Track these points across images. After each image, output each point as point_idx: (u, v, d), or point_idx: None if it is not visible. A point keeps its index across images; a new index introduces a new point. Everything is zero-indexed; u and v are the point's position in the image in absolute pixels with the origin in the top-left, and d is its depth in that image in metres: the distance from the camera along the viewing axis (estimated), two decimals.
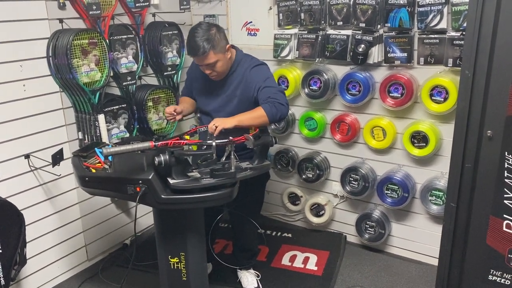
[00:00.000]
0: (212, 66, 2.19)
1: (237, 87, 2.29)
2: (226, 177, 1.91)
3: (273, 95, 2.15)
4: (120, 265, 2.98)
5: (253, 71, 2.27)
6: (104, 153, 1.72)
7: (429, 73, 2.56)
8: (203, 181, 1.88)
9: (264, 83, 2.21)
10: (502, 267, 2.06)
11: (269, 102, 2.13)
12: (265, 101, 2.15)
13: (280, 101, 2.14)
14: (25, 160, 2.50)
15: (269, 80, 2.25)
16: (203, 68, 2.23)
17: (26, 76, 2.44)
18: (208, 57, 2.15)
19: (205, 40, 2.11)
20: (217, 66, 2.20)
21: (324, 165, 3.11)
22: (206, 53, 2.12)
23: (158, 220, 2.07)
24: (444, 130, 2.62)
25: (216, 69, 2.21)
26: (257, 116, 2.11)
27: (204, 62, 2.17)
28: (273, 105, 2.12)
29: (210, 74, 2.25)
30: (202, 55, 2.13)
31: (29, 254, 2.52)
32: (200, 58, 2.16)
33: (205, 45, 2.11)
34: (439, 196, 2.66)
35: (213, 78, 2.27)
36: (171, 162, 1.83)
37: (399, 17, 2.54)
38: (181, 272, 2.07)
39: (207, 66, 2.19)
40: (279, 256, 3.02)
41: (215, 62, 2.18)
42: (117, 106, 2.88)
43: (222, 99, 2.33)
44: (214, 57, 2.16)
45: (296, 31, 2.94)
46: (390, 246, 3.06)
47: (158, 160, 1.80)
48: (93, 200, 2.90)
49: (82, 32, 2.54)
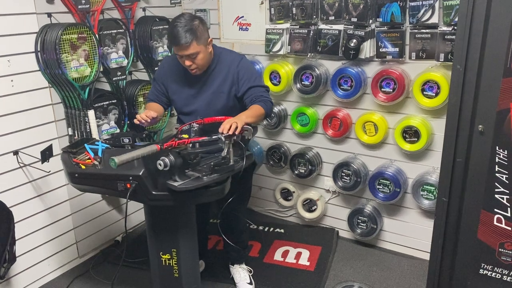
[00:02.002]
0: (193, 58, 2.15)
1: (223, 82, 2.27)
2: (227, 171, 1.89)
3: (264, 93, 2.27)
4: (112, 262, 2.96)
5: (241, 68, 2.27)
6: (118, 163, 1.67)
7: (421, 68, 2.56)
8: (205, 178, 1.84)
9: (254, 82, 2.27)
10: (493, 261, 2.07)
11: (263, 101, 2.22)
12: (258, 100, 2.22)
13: (270, 100, 2.28)
14: (13, 156, 2.47)
15: (257, 78, 2.32)
16: (183, 60, 2.17)
17: (14, 71, 2.41)
18: (190, 47, 2.10)
19: (189, 30, 2.08)
20: (198, 58, 2.16)
21: (316, 160, 3.11)
22: (188, 42, 2.08)
23: (149, 217, 2.06)
24: (436, 125, 2.63)
25: (197, 61, 2.17)
26: (260, 114, 2.18)
27: (186, 53, 2.12)
28: (267, 103, 2.24)
29: (190, 67, 2.19)
30: (184, 44, 2.09)
31: (19, 251, 2.50)
32: (182, 48, 2.11)
33: (188, 35, 2.08)
34: (431, 191, 2.67)
35: (193, 71, 2.22)
36: (177, 164, 1.77)
37: (391, 11, 2.54)
38: (173, 268, 2.06)
39: (187, 57, 2.14)
40: (271, 252, 3.02)
41: (196, 54, 2.14)
42: (107, 102, 2.85)
43: (208, 97, 2.28)
44: (197, 48, 2.12)
45: (288, 26, 2.93)
46: (382, 241, 3.07)
47: (164, 163, 1.74)
48: (84, 197, 2.87)
49: (71, 26, 2.51)
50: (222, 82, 2.27)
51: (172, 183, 1.79)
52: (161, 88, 2.38)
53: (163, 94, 2.39)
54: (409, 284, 2.69)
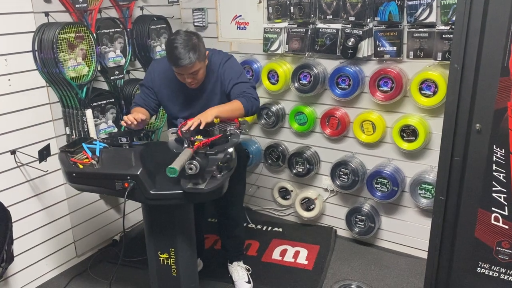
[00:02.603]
0: (195, 74, 2.14)
1: (215, 84, 2.27)
2: (231, 168, 1.89)
3: (248, 89, 2.24)
4: (110, 261, 2.96)
5: (226, 66, 2.27)
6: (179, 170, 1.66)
7: (419, 67, 2.56)
8: (219, 176, 1.82)
9: (238, 79, 2.26)
10: (490, 260, 2.08)
11: (245, 97, 2.20)
12: (240, 95, 2.21)
13: (254, 96, 2.24)
14: (11, 156, 2.46)
15: (242, 75, 2.30)
16: (183, 78, 2.15)
17: (11, 70, 2.40)
18: (193, 67, 2.08)
19: (191, 50, 2.04)
20: (199, 73, 2.15)
21: (314, 159, 3.11)
22: (192, 63, 2.05)
23: (147, 216, 2.06)
24: (433, 124, 2.63)
25: (198, 76, 2.15)
26: (235, 108, 2.15)
27: (188, 72, 2.10)
28: (248, 99, 2.20)
29: (190, 83, 2.17)
30: (188, 64, 2.05)
31: (17, 251, 2.49)
32: (186, 68, 2.08)
33: (191, 55, 2.04)
34: (428, 189, 2.68)
35: (192, 86, 2.20)
36: (203, 166, 1.76)
37: (388, 10, 2.54)
38: (171, 268, 2.06)
39: (189, 75, 2.12)
40: (269, 251, 3.02)
41: (198, 71, 2.12)
42: (105, 101, 2.85)
43: (203, 100, 2.27)
44: (198, 65, 2.10)
45: (286, 25, 2.93)
46: (380, 240, 3.08)
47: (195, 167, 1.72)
48: (82, 196, 2.87)
49: (68, 25, 2.50)
50: (214, 84, 2.27)
51: (198, 186, 1.77)
52: (150, 94, 2.33)
53: (151, 100, 2.34)
54: (407, 282, 2.69)
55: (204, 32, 3.37)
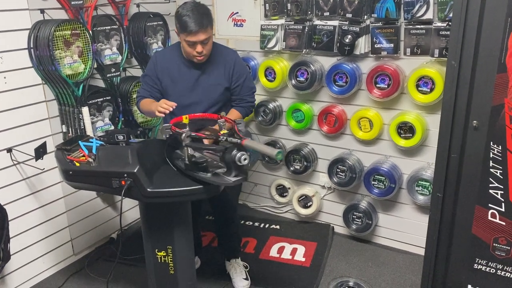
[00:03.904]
0: (206, 44, 2.18)
1: (221, 75, 2.30)
2: None
3: (249, 97, 2.41)
4: (107, 259, 2.95)
5: (237, 63, 2.36)
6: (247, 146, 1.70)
7: (416, 64, 2.56)
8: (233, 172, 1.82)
9: (244, 82, 2.37)
10: (487, 256, 2.09)
11: (245, 107, 2.39)
12: (241, 104, 2.38)
13: (252, 104, 2.44)
14: (7, 154, 2.45)
15: (247, 79, 2.40)
16: (195, 47, 2.16)
17: (6, 68, 2.38)
18: (207, 31, 2.14)
19: (204, 14, 2.12)
20: (209, 43, 2.20)
21: (312, 156, 3.11)
22: (207, 26, 2.13)
23: (144, 214, 2.05)
24: (431, 121, 2.63)
25: (207, 47, 2.20)
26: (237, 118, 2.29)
27: (202, 37, 2.13)
28: (247, 109, 2.41)
29: (200, 54, 2.19)
30: (204, 28, 2.11)
31: (13, 249, 2.48)
32: (199, 32, 2.11)
33: (205, 20, 2.12)
34: (426, 186, 2.68)
35: (200, 58, 2.22)
36: None
37: (385, 7, 2.54)
38: (169, 265, 2.05)
39: (201, 42, 2.15)
40: (267, 248, 3.02)
41: (209, 38, 2.18)
42: (102, 99, 2.84)
43: (205, 89, 2.30)
44: (210, 32, 2.17)
45: (283, 22, 2.92)
46: (377, 237, 3.08)
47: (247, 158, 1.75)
48: (78, 194, 2.86)
49: (64, 23, 2.49)
50: (220, 75, 2.30)
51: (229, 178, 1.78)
52: (156, 84, 2.34)
53: (156, 90, 2.35)
54: (404, 279, 2.70)
55: None
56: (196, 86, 2.30)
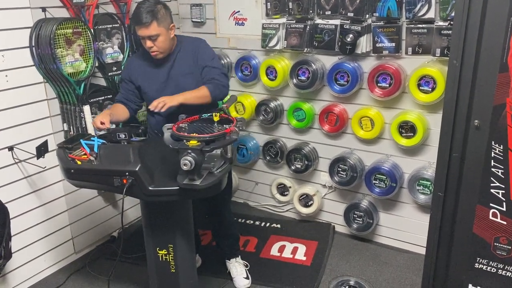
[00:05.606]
0: (154, 40, 2.25)
1: (189, 64, 2.36)
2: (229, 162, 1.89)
3: (217, 76, 2.33)
4: (108, 257, 2.96)
5: (201, 49, 2.40)
6: None
7: (417, 63, 2.56)
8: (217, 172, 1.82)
9: (210, 63, 2.36)
10: (488, 255, 2.08)
11: (213, 83, 2.30)
12: (209, 81, 2.31)
13: (223, 83, 2.34)
14: (8, 152, 2.45)
15: (214, 60, 2.40)
16: (144, 42, 2.26)
17: (8, 66, 2.39)
18: (150, 28, 2.21)
19: (150, 12, 2.20)
20: (159, 40, 2.26)
21: (313, 155, 3.11)
22: (148, 23, 2.19)
23: (145, 212, 2.05)
24: (432, 120, 2.63)
25: (157, 43, 2.26)
26: (202, 95, 2.24)
27: (146, 33, 2.22)
28: (216, 86, 2.29)
29: (151, 49, 2.28)
30: (145, 23, 2.19)
31: (15, 247, 2.48)
32: (143, 28, 2.22)
33: (148, 16, 2.19)
34: (427, 185, 2.68)
35: (153, 53, 2.30)
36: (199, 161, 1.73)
37: (387, 6, 2.53)
38: (170, 264, 2.06)
39: (148, 38, 2.24)
40: (268, 247, 3.02)
41: (157, 36, 2.24)
42: (103, 97, 2.84)
43: (177, 80, 2.35)
44: (157, 30, 2.23)
45: (284, 21, 2.92)
46: (378, 236, 3.08)
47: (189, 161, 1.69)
48: (80, 193, 2.86)
49: (66, 21, 2.49)
50: (189, 64, 2.36)
51: (193, 183, 1.75)
52: (130, 87, 2.43)
53: (133, 93, 2.44)
54: (405, 278, 2.70)
55: (202, 28, 3.36)
56: (169, 80, 2.37)
